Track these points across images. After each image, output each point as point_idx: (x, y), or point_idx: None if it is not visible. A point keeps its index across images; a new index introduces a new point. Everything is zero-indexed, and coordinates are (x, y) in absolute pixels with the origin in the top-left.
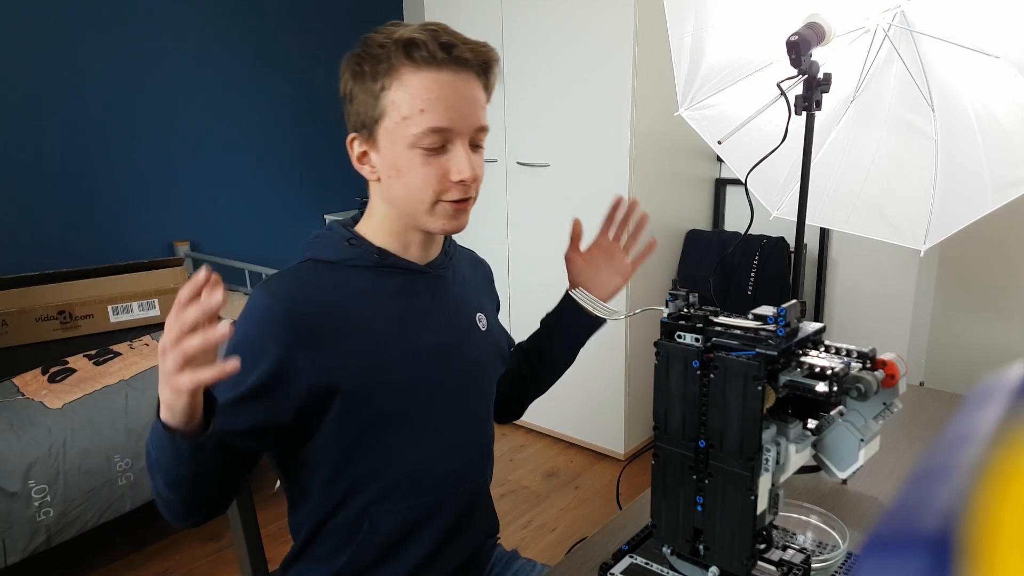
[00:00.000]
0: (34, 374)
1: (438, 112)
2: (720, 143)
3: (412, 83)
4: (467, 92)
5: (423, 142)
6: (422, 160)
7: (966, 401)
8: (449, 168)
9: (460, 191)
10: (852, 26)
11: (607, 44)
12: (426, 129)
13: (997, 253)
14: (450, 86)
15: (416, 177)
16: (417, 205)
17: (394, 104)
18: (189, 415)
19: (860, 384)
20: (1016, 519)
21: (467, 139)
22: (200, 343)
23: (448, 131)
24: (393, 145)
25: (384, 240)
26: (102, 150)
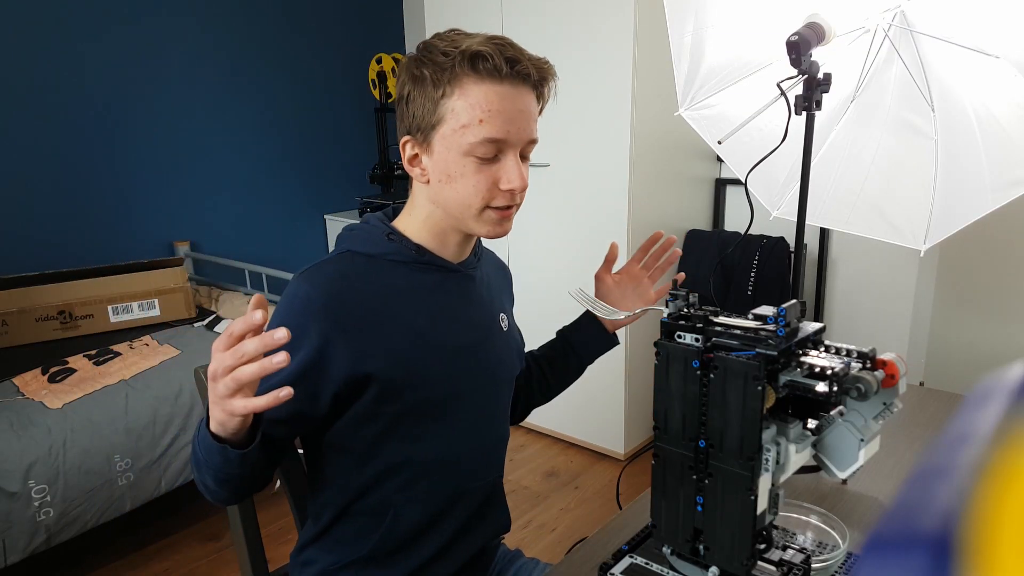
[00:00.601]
0: (34, 374)
1: (496, 124)
2: (720, 143)
3: (474, 93)
4: (524, 106)
5: (478, 151)
6: (475, 168)
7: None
8: (500, 177)
9: (507, 199)
10: (852, 26)
11: (607, 44)
12: (483, 139)
13: (997, 253)
14: (509, 99)
15: (467, 184)
16: (466, 210)
17: (454, 112)
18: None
19: (860, 384)
20: (1016, 519)
21: (518, 150)
22: (257, 372)
23: (503, 142)
24: (448, 151)
25: (423, 238)
26: (102, 150)
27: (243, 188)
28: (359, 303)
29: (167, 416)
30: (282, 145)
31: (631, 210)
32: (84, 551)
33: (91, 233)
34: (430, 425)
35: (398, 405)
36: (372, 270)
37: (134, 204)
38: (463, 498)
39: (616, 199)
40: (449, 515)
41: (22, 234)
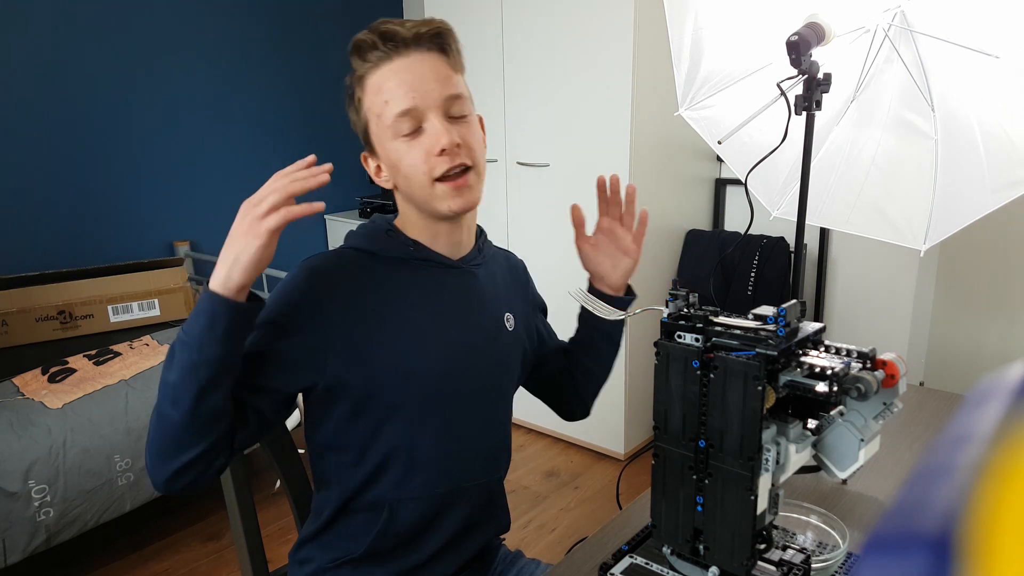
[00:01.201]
0: (34, 374)
1: (398, 96)
2: (720, 143)
3: (372, 82)
4: (423, 69)
5: (399, 129)
6: (406, 147)
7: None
8: (429, 143)
9: (447, 161)
10: (852, 26)
11: (607, 44)
12: (395, 116)
13: (997, 253)
14: (404, 70)
15: (407, 165)
16: (420, 191)
17: (369, 108)
18: (250, 273)
19: (860, 384)
20: (1016, 519)
21: (439, 111)
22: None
23: (414, 109)
24: (383, 146)
25: (414, 235)
26: (102, 150)
27: (243, 188)
28: (355, 294)
29: None
30: (282, 145)
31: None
32: (84, 551)
33: (91, 233)
34: (424, 422)
35: (389, 401)
36: (370, 266)
37: (134, 204)
38: (460, 498)
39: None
40: (446, 515)
41: (22, 234)
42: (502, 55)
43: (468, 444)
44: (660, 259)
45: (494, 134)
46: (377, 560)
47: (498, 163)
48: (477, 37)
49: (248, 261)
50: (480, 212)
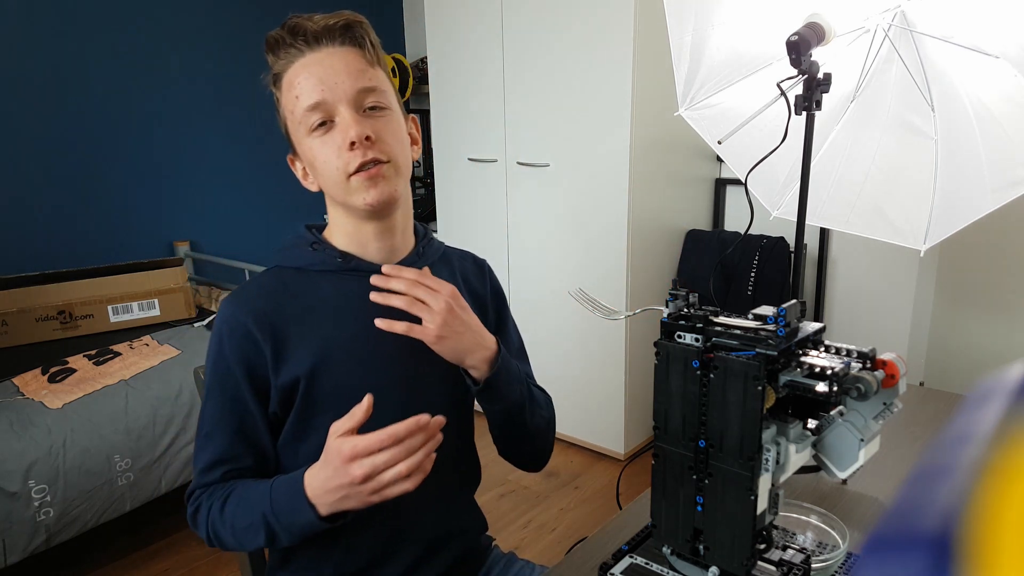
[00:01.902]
0: (34, 374)
1: (307, 90)
2: (720, 143)
3: (285, 79)
4: (333, 62)
5: (309, 123)
6: (320, 143)
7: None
8: (340, 138)
9: (357, 156)
10: (852, 26)
11: (607, 44)
12: (304, 111)
13: (997, 253)
14: (314, 64)
15: (321, 162)
16: (335, 188)
17: (284, 106)
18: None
19: (860, 384)
20: (1016, 519)
21: (350, 104)
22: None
23: (323, 103)
24: (300, 144)
25: (343, 242)
26: (102, 150)
27: (243, 188)
28: (284, 318)
29: (167, 416)
30: (282, 145)
31: (631, 210)
32: (84, 551)
33: (91, 233)
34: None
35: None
36: (299, 283)
37: (134, 204)
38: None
39: (616, 199)
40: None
41: (22, 234)
42: (502, 55)
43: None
44: (660, 259)
45: (494, 134)
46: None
47: (498, 163)
48: (477, 37)
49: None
50: (480, 212)
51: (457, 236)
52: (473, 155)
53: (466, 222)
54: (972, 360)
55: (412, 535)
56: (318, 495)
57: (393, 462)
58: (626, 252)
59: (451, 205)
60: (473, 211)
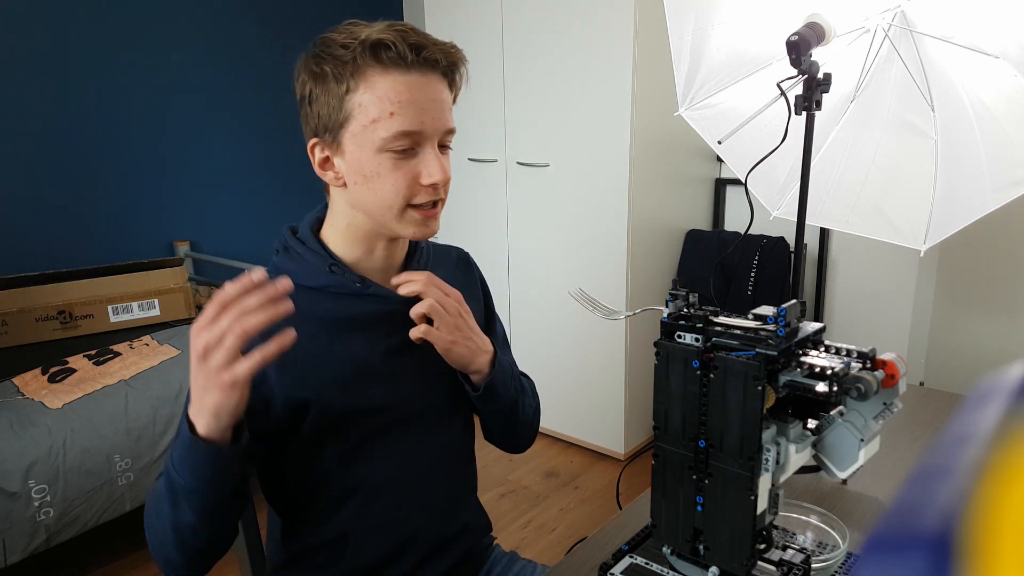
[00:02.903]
0: (34, 374)
1: (408, 115)
2: (720, 143)
3: (380, 85)
4: (436, 94)
5: (393, 145)
6: (392, 164)
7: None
8: (420, 171)
9: (430, 194)
10: (852, 26)
11: (607, 44)
12: (396, 132)
13: (997, 253)
14: (420, 88)
15: (385, 182)
16: (386, 211)
17: (361, 107)
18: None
19: (860, 384)
20: (1016, 519)
21: (436, 142)
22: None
23: (418, 134)
24: (360, 149)
25: (349, 247)
26: (102, 150)
27: (243, 188)
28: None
29: (167, 416)
30: (282, 144)
31: (631, 210)
32: (84, 551)
33: (91, 233)
34: (379, 449)
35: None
36: (309, 300)
37: (134, 204)
38: (428, 515)
39: (616, 199)
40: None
41: (22, 234)
42: (502, 55)
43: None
44: (660, 259)
45: (494, 134)
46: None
47: (498, 163)
48: (477, 37)
49: (230, 412)
50: (480, 213)
51: (457, 236)
52: (473, 155)
53: (466, 222)
54: (972, 360)
55: (420, 536)
56: (193, 410)
57: (232, 329)
58: (626, 252)
59: (451, 205)
60: (473, 211)
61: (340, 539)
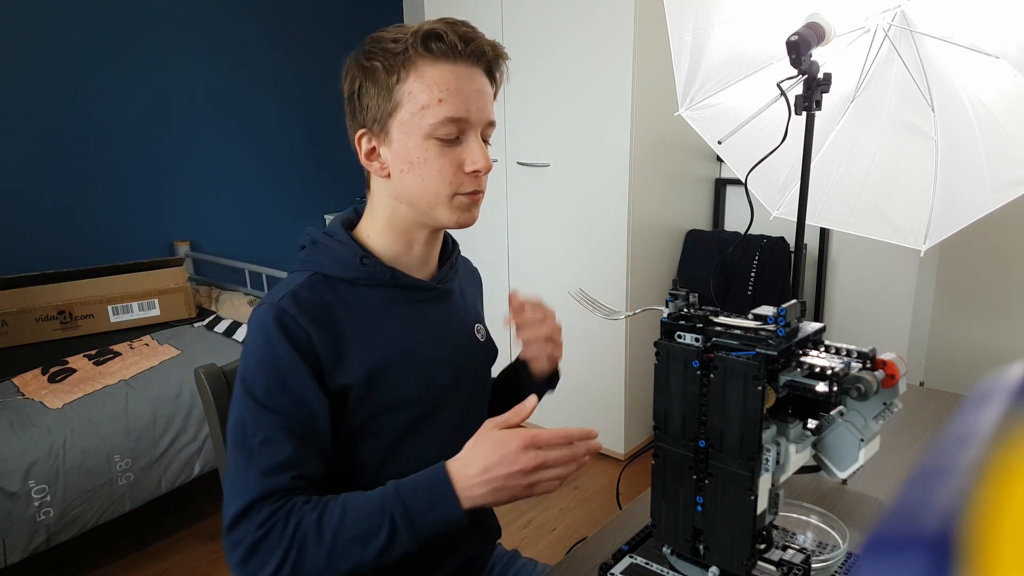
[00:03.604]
0: (34, 374)
1: (456, 102)
2: (720, 143)
3: (431, 73)
4: (481, 85)
5: (440, 132)
6: (438, 151)
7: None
8: (464, 159)
9: (474, 182)
10: (852, 26)
11: (607, 44)
12: (444, 118)
13: (997, 253)
14: (467, 78)
15: (431, 169)
16: (433, 198)
17: (411, 95)
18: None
19: (860, 384)
20: (1016, 519)
21: (479, 132)
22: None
23: (464, 121)
24: (407, 137)
25: (389, 242)
26: (102, 150)
27: (243, 188)
28: (336, 328)
29: (167, 416)
30: (282, 145)
31: (631, 210)
32: (84, 551)
33: (91, 233)
34: (408, 444)
35: (373, 426)
36: (342, 292)
37: (134, 204)
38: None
39: (616, 199)
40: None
41: (22, 234)
42: None
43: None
44: (660, 259)
45: (494, 134)
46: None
47: (498, 163)
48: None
49: (509, 502)
50: (480, 212)
51: (457, 236)
52: None
53: None
54: (972, 360)
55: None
56: (467, 487)
57: (561, 461)
58: (626, 252)
59: None
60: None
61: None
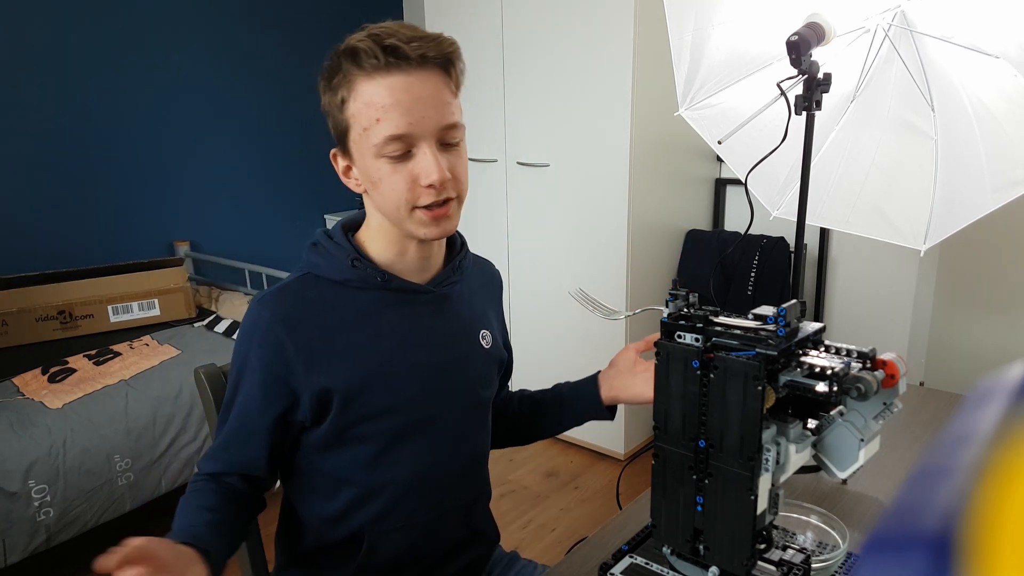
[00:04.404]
0: (34, 374)
1: (394, 118)
2: (720, 143)
3: (365, 92)
4: (423, 92)
5: (385, 151)
6: (390, 169)
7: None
8: (417, 173)
9: (432, 194)
10: (852, 26)
11: (607, 44)
12: (385, 138)
13: (997, 253)
14: (403, 90)
15: (387, 187)
16: (396, 213)
17: (354, 116)
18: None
19: (860, 384)
20: (1016, 519)
21: (433, 140)
22: None
23: (409, 136)
24: (362, 157)
25: (383, 249)
26: (102, 150)
27: (243, 188)
28: (318, 328)
29: (167, 416)
30: (282, 145)
31: (631, 210)
32: (84, 551)
33: (91, 233)
34: (400, 451)
35: (362, 432)
36: (333, 294)
37: (134, 204)
38: (443, 520)
39: (616, 199)
40: (430, 540)
41: (22, 234)
42: (502, 55)
43: (448, 465)
44: (660, 259)
45: (494, 134)
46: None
47: (498, 163)
48: (477, 37)
49: None
50: (480, 213)
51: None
52: (473, 155)
53: (466, 222)
54: (972, 360)
55: (434, 541)
56: None
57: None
58: (626, 252)
59: None
60: (473, 211)
61: (355, 540)
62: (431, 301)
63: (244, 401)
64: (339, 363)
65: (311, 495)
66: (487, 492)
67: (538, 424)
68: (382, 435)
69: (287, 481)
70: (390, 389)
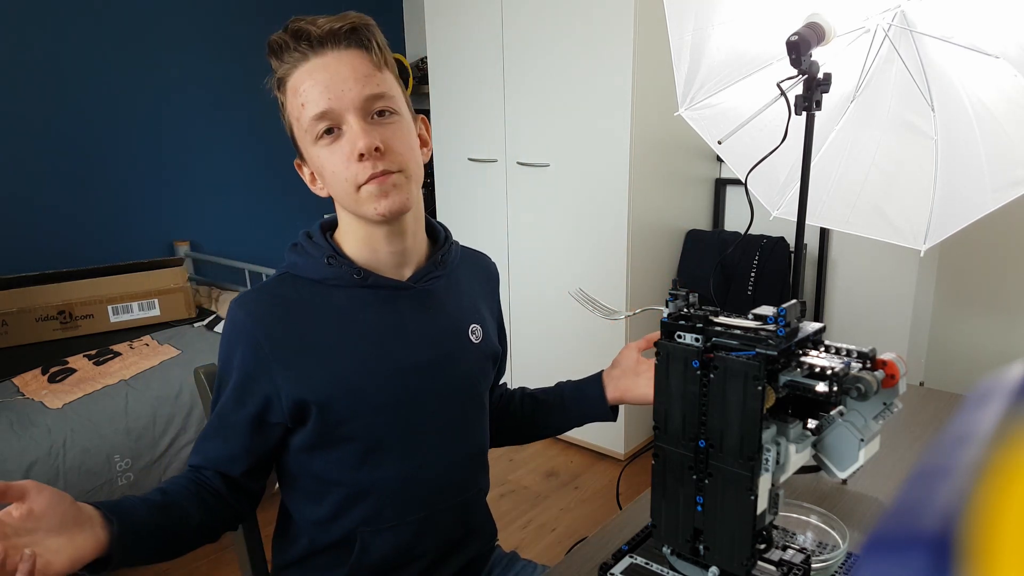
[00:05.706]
0: (34, 374)
1: (314, 97)
2: (720, 143)
3: (289, 85)
4: (338, 68)
5: (315, 131)
6: (327, 152)
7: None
8: (348, 148)
9: (368, 167)
10: (852, 26)
11: (607, 44)
12: (311, 119)
13: (997, 253)
14: (319, 69)
15: (329, 171)
16: (346, 198)
17: (289, 112)
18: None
19: (860, 384)
20: (1016, 519)
21: (358, 112)
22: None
23: (331, 112)
24: (308, 151)
25: (356, 247)
26: (102, 150)
27: (243, 188)
28: (296, 328)
29: (167, 416)
30: (282, 145)
31: (631, 210)
32: None
33: (91, 233)
34: (387, 451)
35: (346, 432)
36: (312, 293)
37: (134, 204)
38: (439, 520)
39: (616, 199)
40: (425, 539)
41: (22, 234)
42: (502, 55)
43: (440, 463)
44: (660, 259)
45: (494, 134)
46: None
47: (498, 163)
48: (477, 37)
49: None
50: (480, 212)
51: (457, 236)
52: (473, 155)
53: (466, 222)
54: (972, 360)
55: (428, 540)
56: None
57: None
58: (626, 252)
59: (451, 205)
60: (473, 211)
61: (348, 541)
62: (413, 297)
63: (224, 400)
64: (316, 362)
65: (302, 497)
66: (484, 489)
67: (540, 424)
68: (367, 436)
69: (285, 485)
70: (371, 389)
